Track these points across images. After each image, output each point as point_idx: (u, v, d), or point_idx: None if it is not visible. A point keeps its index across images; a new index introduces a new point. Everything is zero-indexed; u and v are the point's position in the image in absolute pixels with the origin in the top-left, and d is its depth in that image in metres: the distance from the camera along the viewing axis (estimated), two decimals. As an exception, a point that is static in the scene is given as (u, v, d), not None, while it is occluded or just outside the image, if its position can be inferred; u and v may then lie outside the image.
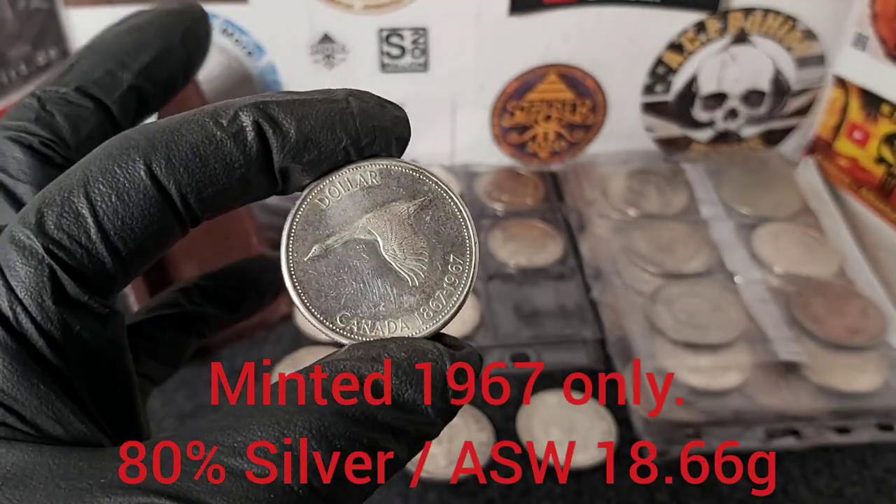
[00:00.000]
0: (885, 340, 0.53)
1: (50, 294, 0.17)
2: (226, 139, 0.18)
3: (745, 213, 0.63)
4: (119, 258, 0.18)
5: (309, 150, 0.19)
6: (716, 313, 0.54)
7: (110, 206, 0.17)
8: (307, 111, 0.19)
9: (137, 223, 0.18)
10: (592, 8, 0.62)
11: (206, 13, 0.26)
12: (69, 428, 0.17)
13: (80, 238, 0.17)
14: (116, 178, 0.17)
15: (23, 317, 0.17)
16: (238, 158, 0.18)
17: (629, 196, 0.65)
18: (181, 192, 0.18)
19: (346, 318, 0.20)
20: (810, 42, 0.65)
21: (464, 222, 0.21)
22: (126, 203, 0.17)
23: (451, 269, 0.21)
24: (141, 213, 0.18)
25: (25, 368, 0.16)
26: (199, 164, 0.18)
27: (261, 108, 0.18)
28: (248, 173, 0.18)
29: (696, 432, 0.49)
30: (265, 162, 0.19)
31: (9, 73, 0.59)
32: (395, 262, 0.21)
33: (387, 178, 0.21)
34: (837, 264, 0.59)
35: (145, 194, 0.17)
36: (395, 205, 0.21)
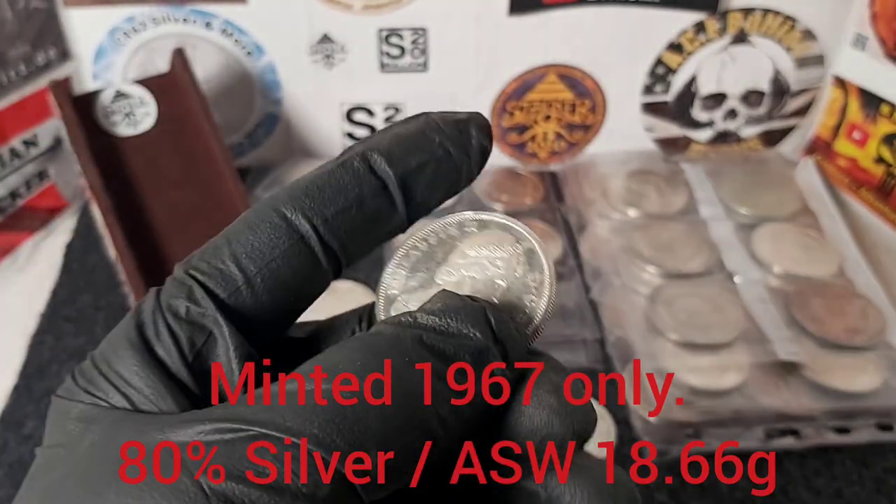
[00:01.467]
0: (885, 340, 0.53)
1: (184, 307, 0.19)
2: (335, 168, 0.21)
3: (745, 213, 0.63)
4: (248, 280, 0.20)
5: (413, 154, 0.21)
6: (715, 313, 0.54)
7: (242, 237, 0.20)
8: (399, 129, 0.21)
9: (265, 245, 0.20)
10: (592, 8, 0.62)
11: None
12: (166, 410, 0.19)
13: (216, 264, 0.20)
14: (250, 220, 0.20)
15: (160, 321, 0.19)
16: (348, 180, 0.20)
17: (629, 196, 0.65)
18: (306, 217, 0.20)
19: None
20: (810, 42, 0.65)
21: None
22: (255, 232, 0.20)
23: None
24: (268, 237, 0.20)
25: (143, 359, 0.19)
26: (315, 189, 0.20)
27: (362, 143, 0.21)
28: (363, 193, 0.20)
29: (696, 432, 0.49)
30: (378, 182, 0.21)
31: (8, 74, 0.59)
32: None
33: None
34: (837, 264, 0.59)
35: (271, 223, 0.20)
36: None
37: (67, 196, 0.67)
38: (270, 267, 0.20)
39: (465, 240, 0.23)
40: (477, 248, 0.22)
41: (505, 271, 0.22)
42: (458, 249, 0.23)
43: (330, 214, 0.20)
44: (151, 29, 0.63)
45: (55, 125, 0.62)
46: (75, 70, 0.64)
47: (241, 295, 0.20)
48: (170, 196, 0.57)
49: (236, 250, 0.20)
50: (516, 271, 0.22)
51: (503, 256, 0.22)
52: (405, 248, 0.23)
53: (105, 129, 0.57)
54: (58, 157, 0.65)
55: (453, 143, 0.22)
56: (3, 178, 0.61)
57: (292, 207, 0.20)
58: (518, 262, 0.22)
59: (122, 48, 0.64)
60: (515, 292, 0.22)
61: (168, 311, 0.19)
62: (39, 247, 0.64)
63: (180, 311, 0.19)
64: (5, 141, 0.60)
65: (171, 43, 0.62)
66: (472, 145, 0.22)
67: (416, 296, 0.22)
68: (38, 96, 0.61)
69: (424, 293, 0.22)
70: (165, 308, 0.19)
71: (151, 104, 0.58)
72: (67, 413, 0.19)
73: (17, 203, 0.63)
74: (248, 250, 0.20)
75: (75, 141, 0.54)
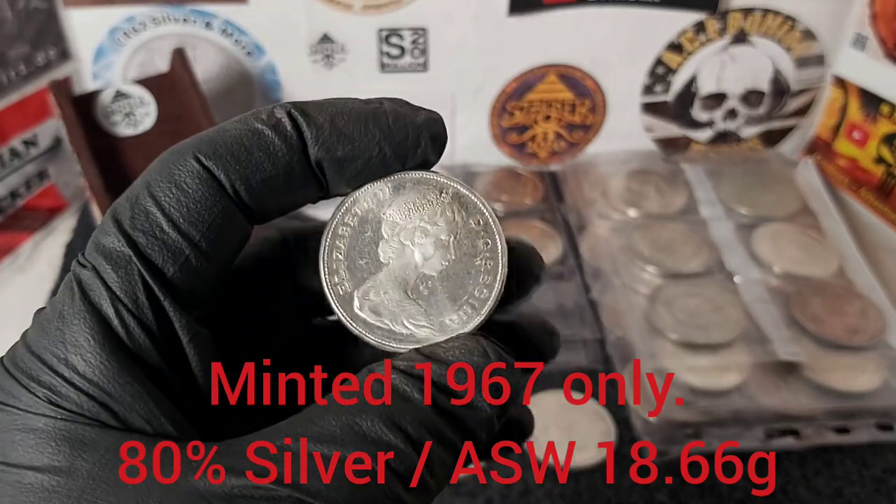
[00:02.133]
0: (885, 340, 0.53)
1: (143, 291, 0.18)
2: (266, 130, 0.19)
3: (745, 213, 0.63)
4: (195, 246, 0.18)
5: (343, 144, 0.20)
6: (715, 313, 0.54)
7: (173, 197, 0.18)
8: (340, 109, 0.20)
9: (201, 207, 0.19)
10: (592, 8, 0.62)
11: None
12: (157, 427, 0.18)
13: (154, 232, 0.18)
14: (172, 173, 0.19)
15: (125, 314, 0.18)
16: (280, 147, 0.19)
17: (629, 196, 0.65)
18: (230, 179, 0.19)
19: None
20: (810, 42, 0.65)
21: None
22: (185, 191, 0.18)
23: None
24: (202, 198, 0.19)
25: (121, 365, 0.17)
26: (244, 152, 0.19)
27: (296, 105, 0.20)
28: (292, 163, 0.19)
29: (696, 432, 0.49)
30: (305, 156, 0.19)
31: (8, 73, 0.59)
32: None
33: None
34: (837, 264, 0.59)
35: (201, 179, 0.18)
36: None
37: (67, 196, 0.67)
38: (212, 228, 0.19)
39: (385, 208, 0.21)
40: (403, 213, 0.21)
41: (445, 225, 0.21)
42: (384, 221, 0.21)
43: (255, 181, 0.19)
44: (151, 29, 0.63)
45: (55, 125, 0.62)
46: (75, 70, 0.64)
47: (190, 264, 0.19)
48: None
49: (172, 214, 0.18)
50: (455, 221, 0.21)
51: (434, 211, 0.21)
52: (328, 234, 0.21)
53: (105, 129, 0.57)
54: (58, 157, 0.65)
55: (393, 147, 0.20)
56: (3, 178, 0.61)
57: (216, 164, 0.19)
58: (453, 211, 0.22)
59: (121, 48, 0.64)
60: (466, 242, 0.21)
61: (128, 300, 0.18)
62: (39, 247, 0.64)
63: (141, 299, 0.18)
64: (5, 141, 0.60)
65: (171, 43, 0.62)
66: (413, 156, 0.21)
67: (373, 287, 0.21)
68: (38, 96, 0.61)
69: (377, 281, 0.21)
70: (124, 296, 0.18)
71: (151, 104, 0.58)
72: (20, 423, 0.17)
73: (17, 203, 0.63)
74: (185, 214, 0.18)
75: (75, 141, 0.54)
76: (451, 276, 0.21)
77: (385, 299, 0.21)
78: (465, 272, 0.21)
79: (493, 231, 0.21)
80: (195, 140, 0.19)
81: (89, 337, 0.17)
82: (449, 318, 0.21)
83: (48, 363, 0.17)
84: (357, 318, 0.21)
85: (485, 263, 0.21)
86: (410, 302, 0.21)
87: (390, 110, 0.20)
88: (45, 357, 0.17)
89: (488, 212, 0.22)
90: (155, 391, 0.18)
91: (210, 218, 0.19)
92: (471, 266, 0.21)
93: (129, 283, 0.18)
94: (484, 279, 0.21)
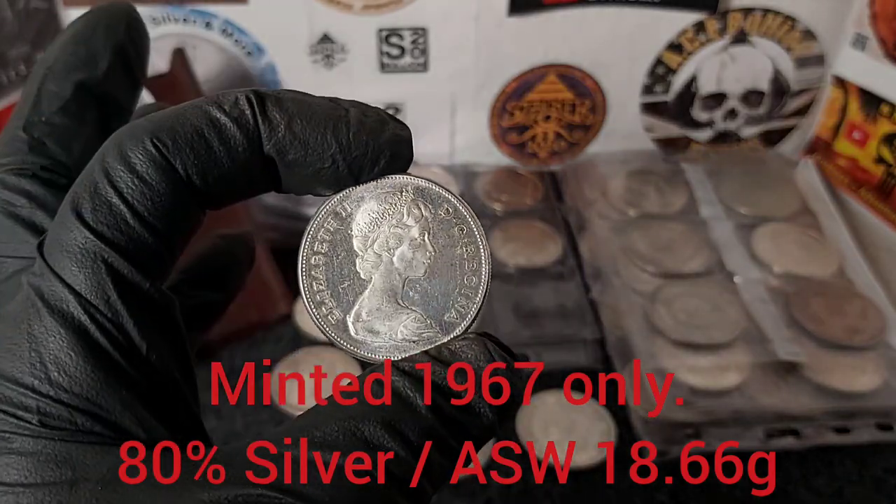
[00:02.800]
0: (885, 340, 0.53)
1: (113, 289, 0.17)
2: (228, 123, 0.18)
3: (745, 213, 0.63)
4: (159, 237, 0.18)
5: (295, 149, 0.19)
6: (715, 313, 0.54)
7: (136, 189, 0.18)
8: (302, 110, 0.19)
9: (165, 199, 0.18)
10: (592, 8, 0.62)
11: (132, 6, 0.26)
12: (151, 431, 0.17)
13: (119, 226, 0.18)
14: (131, 161, 0.18)
15: (99, 317, 0.17)
16: (241, 141, 0.18)
17: (629, 196, 0.65)
18: (187, 171, 0.18)
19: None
20: (810, 42, 0.65)
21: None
22: (146, 181, 0.18)
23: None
24: (164, 189, 0.18)
25: (107, 374, 0.17)
26: (203, 145, 0.18)
27: (258, 95, 0.19)
28: (251, 158, 0.19)
29: (696, 432, 0.49)
30: (264, 158, 0.19)
31: (8, 73, 0.59)
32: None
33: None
34: (837, 264, 0.59)
35: (161, 169, 0.18)
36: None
37: (67, 196, 0.67)
38: (173, 217, 0.18)
39: (351, 224, 0.21)
40: (370, 224, 0.21)
41: (415, 223, 0.21)
42: (353, 237, 0.21)
43: (212, 176, 0.18)
44: (151, 29, 0.63)
45: (55, 125, 0.62)
46: (75, 70, 0.64)
47: (157, 257, 0.18)
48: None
49: (135, 206, 0.18)
50: (424, 216, 0.21)
51: (401, 213, 0.21)
52: (303, 269, 0.21)
53: (105, 129, 0.57)
54: (58, 157, 0.65)
55: (349, 163, 0.19)
56: (3, 178, 0.61)
57: (174, 155, 0.18)
58: (419, 207, 0.21)
59: (122, 48, 0.64)
60: (441, 234, 0.21)
61: (101, 303, 0.17)
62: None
63: (113, 298, 0.17)
64: (5, 141, 0.60)
65: (171, 43, 0.62)
66: (368, 173, 0.20)
67: (363, 307, 0.21)
68: (38, 96, 0.61)
69: (365, 299, 0.21)
70: (95, 300, 0.17)
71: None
72: (15, 448, 0.16)
73: (17, 203, 0.63)
74: (150, 207, 0.18)
75: (75, 141, 0.54)
76: (436, 272, 0.21)
77: (378, 315, 0.21)
78: (449, 264, 0.21)
79: (465, 216, 0.21)
80: (151, 124, 0.18)
81: (69, 352, 0.17)
82: (447, 315, 0.21)
83: (30, 386, 0.17)
84: (357, 343, 0.21)
85: (466, 250, 0.21)
86: (404, 310, 0.21)
87: (354, 121, 0.19)
88: (25, 381, 0.17)
89: (454, 198, 0.21)
90: (145, 394, 0.17)
91: (171, 208, 0.18)
92: (453, 256, 0.21)
93: (97, 283, 0.17)
94: (470, 266, 0.21)
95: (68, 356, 0.17)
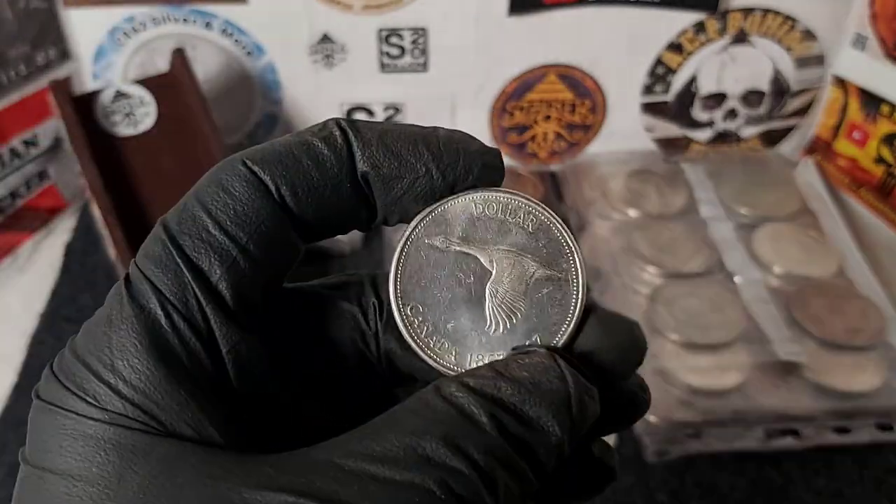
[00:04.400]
0: (885, 340, 0.53)
1: (192, 293, 0.18)
2: (315, 140, 0.19)
3: (745, 213, 0.63)
4: (241, 248, 0.18)
5: (389, 161, 0.19)
6: (715, 313, 0.54)
7: (220, 201, 0.18)
8: (392, 128, 0.20)
9: (248, 210, 0.18)
10: (592, 8, 0.62)
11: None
12: (205, 435, 0.17)
13: (200, 235, 0.18)
14: (220, 179, 0.18)
15: (175, 316, 0.17)
16: (328, 157, 0.19)
17: (629, 196, 0.65)
18: (276, 183, 0.18)
19: (417, 311, 0.20)
20: (810, 42, 0.65)
21: (570, 318, 0.21)
22: (232, 194, 0.18)
23: (527, 344, 0.20)
24: (248, 200, 0.18)
25: (168, 371, 0.17)
26: (291, 159, 0.19)
27: (347, 119, 0.20)
28: (341, 176, 0.19)
29: (696, 432, 0.49)
30: (354, 171, 0.19)
31: (8, 73, 0.59)
32: (490, 302, 0.20)
33: (539, 232, 0.21)
34: (837, 264, 0.59)
35: (247, 182, 0.18)
36: (529, 259, 0.21)
37: (67, 196, 0.67)
38: (259, 231, 0.18)
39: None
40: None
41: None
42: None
43: (302, 189, 0.19)
44: (151, 29, 0.63)
45: (55, 125, 0.62)
46: (75, 70, 0.64)
47: (238, 266, 0.18)
48: (170, 196, 0.57)
49: (218, 217, 0.18)
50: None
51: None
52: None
53: (105, 129, 0.57)
54: (58, 157, 0.65)
55: (441, 169, 0.20)
56: (3, 178, 0.61)
57: (262, 169, 0.18)
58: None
59: (122, 48, 0.64)
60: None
61: (179, 303, 0.18)
62: (39, 247, 0.64)
63: (191, 302, 0.18)
64: (5, 141, 0.60)
65: (171, 43, 0.62)
66: (463, 181, 0.20)
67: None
68: (38, 96, 0.61)
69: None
70: (174, 300, 0.18)
71: (151, 104, 0.58)
72: (70, 428, 0.17)
73: (17, 203, 0.63)
74: (232, 216, 0.18)
75: (75, 141, 0.54)
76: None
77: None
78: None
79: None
80: (245, 150, 0.19)
81: (136, 342, 0.17)
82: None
83: (94, 370, 0.17)
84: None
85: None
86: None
87: (443, 135, 0.20)
88: (90, 363, 0.17)
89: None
90: (202, 398, 0.17)
91: (257, 220, 0.18)
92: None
93: (177, 286, 0.18)
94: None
95: (134, 346, 0.17)
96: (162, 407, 0.17)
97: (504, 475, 0.17)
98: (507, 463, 0.17)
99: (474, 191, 0.20)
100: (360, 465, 0.16)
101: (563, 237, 0.21)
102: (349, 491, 0.16)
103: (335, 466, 0.16)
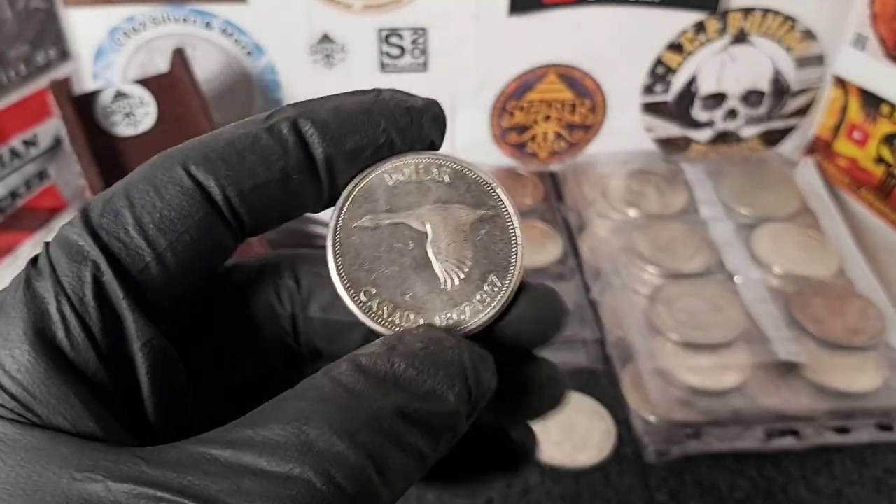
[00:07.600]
0: (885, 340, 0.53)
1: (91, 287, 0.17)
2: (261, 133, 0.18)
3: (745, 213, 0.63)
4: (158, 255, 0.18)
5: (351, 135, 0.19)
6: (715, 313, 0.54)
7: (148, 201, 0.18)
8: (341, 101, 0.19)
9: (175, 216, 0.18)
10: (592, 8, 0.62)
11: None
12: (83, 429, 0.16)
13: (118, 233, 0.17)
14: (155, 177, 0.18)
15: (66, 309, 0.17)
16: (275, 150, 0.18)
17: (629, 196, 0.65)
18: (220, 185, 0.18)
19: (370, 294, 0.20)
20: (810, 42, 0.65)
21: (515, 248, 0.21)
22: (162, 196, 0.18)
23: (486, 287, 0.20)
24: (179, 206, 0.18)
25: (49, 365, 0.16)
26: (235, 156, 0.18)
27: (296, 107, 0.19)
28: (288, 167, 0.18)
29: (696, 432, 0.49)
30: (306, 158, 0.19)
31: (8, 73, 0.59)
32: (436, 261, 0.20)
33: (457, 180, 0.21)
34: (837, 264, 0.59)
35: (182, 187, 0.18)
36: (457, 207, 0.21)
37: (67, 196, 0.67)
38: (182, 240, 0.18)
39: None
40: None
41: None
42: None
43: (247, 187, 0.18)
44: (151, 29, 0.63)
45: (55, 125, 0.62)
46: (75, 70, 0.64)
47: (149, 273, 0.18)
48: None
49: (142, 218, 0.17)
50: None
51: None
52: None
53: (105, 129, 0.57)
54: (58, 157, 0.65)
55: (399, 132, 0.20)
56: (3, 178, 0.61)
57: (205, 171, 0.18)
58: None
59: (122, 48, 0.64)
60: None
61: (73, 295, 0.17)
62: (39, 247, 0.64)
63: (87, 296, 0.17)
64: (5, 141, 0.60)
65: (171, 43, 0.62)
66: (419, 138, 0.20)
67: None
68: (38, 96, 0.61)
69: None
70: (70, 291, 0.17)
71: (151, 104, 0.58)
72: None
73: (17, 203, 0.63)
74: (157, 220, 0.17)
75: (75, 141, 0.54)
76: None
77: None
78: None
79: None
80: (186, 145, 0.18)
81: (22, 332, 0.16)
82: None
83: None
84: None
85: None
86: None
87: (389, 97, 0.20)
88: None
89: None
90: (84, 393, 0.17)
91: (183, 228, 0.18)
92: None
93: (77, 280, 0.17)
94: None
95: (19, 336, 0.16)
96: (39, 399, 0.16)
97: (396, 453, 0.16)
98: (399, 439, 0.17)
99: (380, 163, 0.20)
100: (238, 457, 0.15)
101: (479, 177, 0.21)
102: (221, 485, 0.15)
103: (210, 460, 0.15)
